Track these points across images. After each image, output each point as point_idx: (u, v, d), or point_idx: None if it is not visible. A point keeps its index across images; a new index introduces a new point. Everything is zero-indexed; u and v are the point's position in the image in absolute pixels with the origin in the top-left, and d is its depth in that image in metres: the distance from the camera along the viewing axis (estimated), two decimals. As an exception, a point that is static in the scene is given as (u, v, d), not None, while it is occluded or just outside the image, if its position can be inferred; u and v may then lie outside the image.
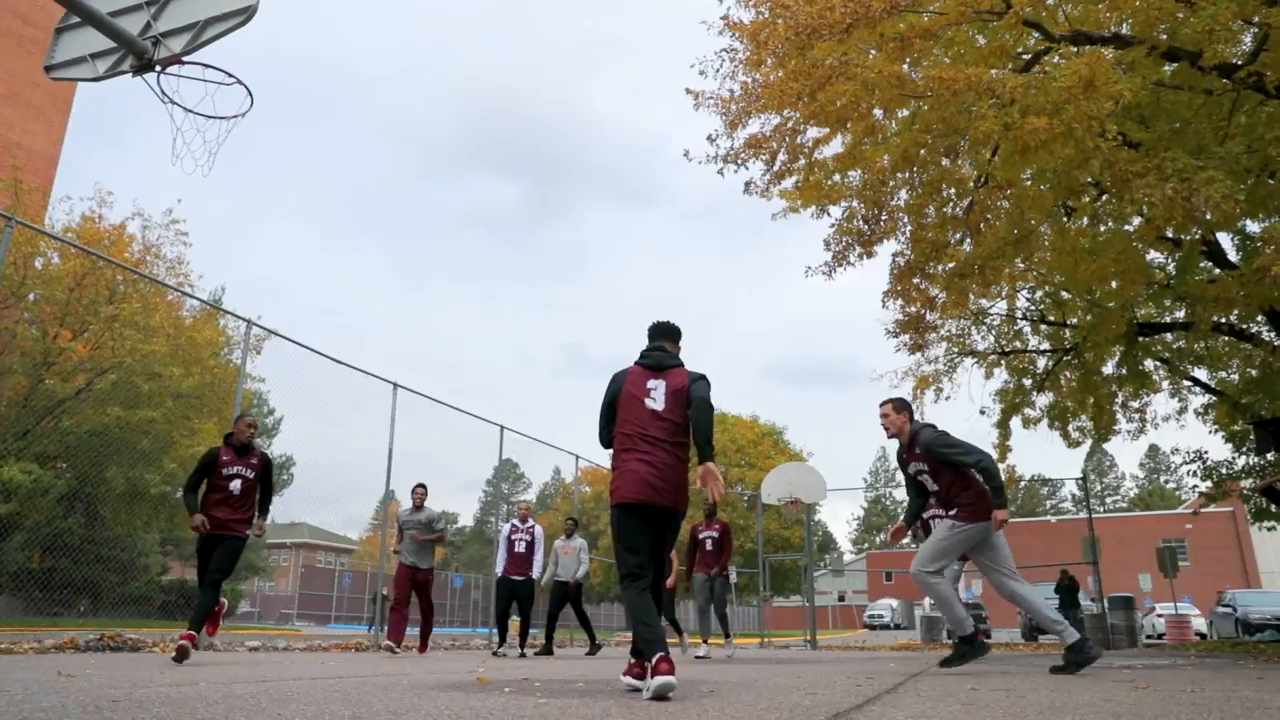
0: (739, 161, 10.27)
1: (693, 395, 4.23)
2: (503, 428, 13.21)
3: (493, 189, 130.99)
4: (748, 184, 10.72)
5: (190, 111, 4.81)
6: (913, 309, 12.04)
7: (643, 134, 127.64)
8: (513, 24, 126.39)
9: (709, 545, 10.22)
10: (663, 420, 4.19)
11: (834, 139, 10.76)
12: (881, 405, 5.89)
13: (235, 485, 6.39)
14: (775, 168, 10.54)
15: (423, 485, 9.40)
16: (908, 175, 10.39)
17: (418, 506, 9.32)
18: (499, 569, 9.97)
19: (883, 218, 10.53)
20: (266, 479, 6.67)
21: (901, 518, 6.32)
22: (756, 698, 3.74)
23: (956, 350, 15.47)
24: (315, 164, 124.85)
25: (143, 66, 4.50)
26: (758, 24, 9.71)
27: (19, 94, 20.61)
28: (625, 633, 15.29)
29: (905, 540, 8.25)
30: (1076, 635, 5.40)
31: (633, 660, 4.11)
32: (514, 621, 10.64)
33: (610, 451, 4.38)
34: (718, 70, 10.29)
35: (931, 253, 10.68)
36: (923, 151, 9.53)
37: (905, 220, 10.69)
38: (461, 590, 34.17)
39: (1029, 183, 10.51)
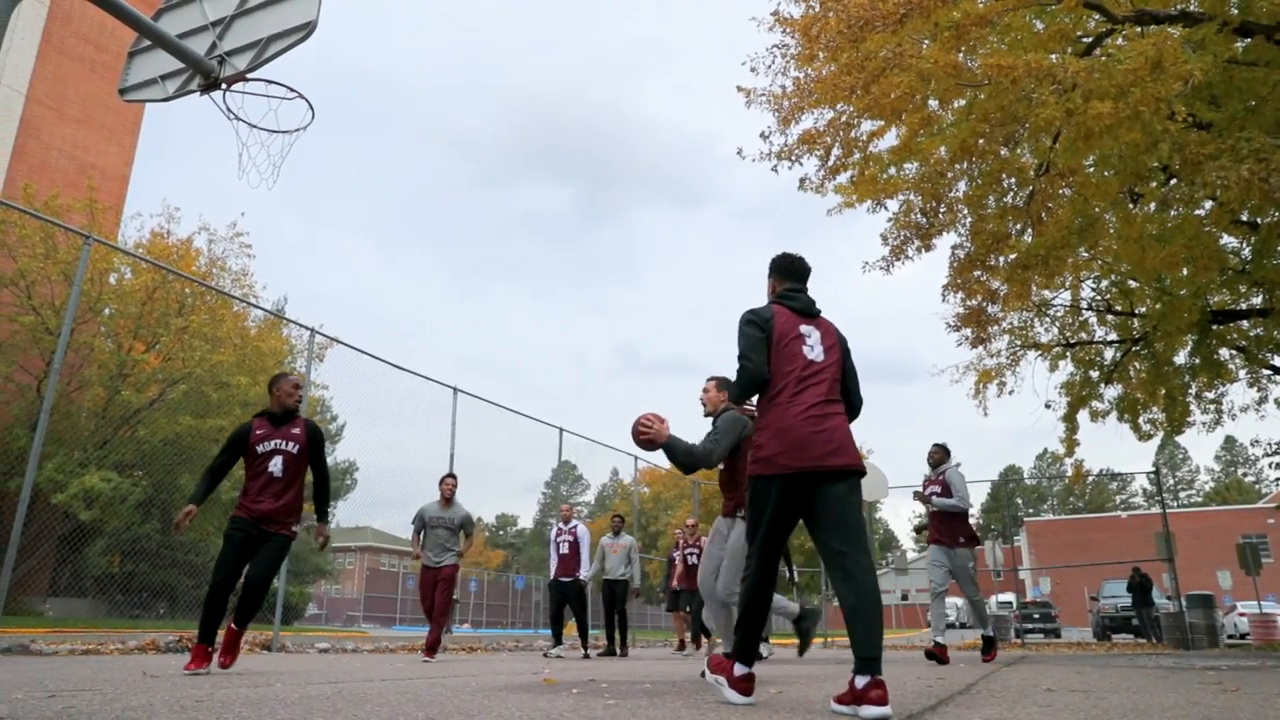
0: (793, 158, 10.18)
1: (846, 352, 3.68)
2: (561, 430, 13.30)
3: (545, 193, 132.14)
4: (802, 180, 10.62)
5: (255, 127, 4.93)
6: (974, 302, 11.81)
7: (692, 134, 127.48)
8: (560, 30, 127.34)
9: None
10: (825, 373, 3.53)
11: (888, 132, 10.61)
12: (707, 381, 5.62)
13: (275, 465, 5.12)
14: (830, 163, 10.43)
15: (453, 475, 8.26)
16: (966, 166, 10.19)
17: (447, 500, 8.08)
18: (551, 572, 10.07)
19: (941, 210, 10.35)
20: (317, 456, 5.35)
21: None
22: (824, 698, 3.70)
23: (1019, 343, 15.11)
24: (371, 174, 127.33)
25: (209, 85, 4.63)
26: (809, 18, 9.62)
27: (92, 117, 21.40)
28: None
29: (961, 540, 8.16)
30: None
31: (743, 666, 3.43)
32: (570, 623, 10.72)
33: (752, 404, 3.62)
34: (769, 67, 10.23)
35: (992, 244, 10.45)
36: (981, 141, 9.33)
37: (965, 212, 10.48)
38: (523, 592, 34.49)
39: (1092, 169, 10.22)
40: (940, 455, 8.44)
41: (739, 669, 3.34)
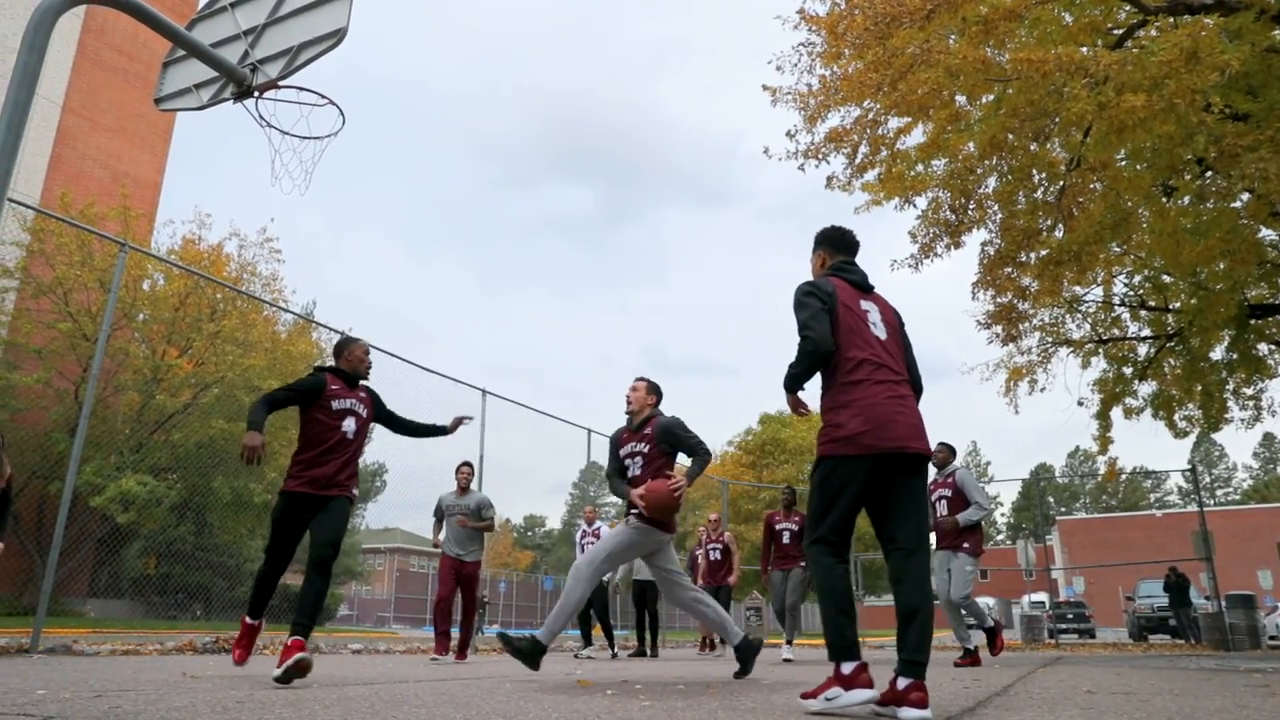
0: (820, 156, 10.12)
1: (905, 330, 3.53)
2: (590, 431, 13.33)
3: (569, 195, 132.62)
4: (829, 179, 10.56)
5: (286, 134, 4.98)
6: (1004, 299, 11.69)
7: (716, 134, 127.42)
8: (583, 31, 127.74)
9: (786, 538, 9.41)
10: (891, 352, 3.36)
11: (915, 128, 10.53)
12: (637, 380, 5.47)
13: (349, 425, 4.66)
14: (857, 160, 10.36)
15: (468, 464, 8.20)
16: (995, 162, 10.08)
17: (463, 489, 8.08)
18: None
19: (971, 207, 10.24)
20: (389, 414, 5.09)
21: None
22: (866, 699, 3.67)
23: (1050, 340, 14.92)
24: (398, 179, 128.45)
25: (242, 93, 4.69)
26: (835, 15, 9.57)
27: (125, 127, 21.76)
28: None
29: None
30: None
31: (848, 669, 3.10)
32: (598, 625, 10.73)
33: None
34: (795, 65, 10.18)
35: (1023, 240, 10.33)
36: (1010, 137, 9.23)
37: (995, 208, 10.37)
38: (552, 593, 34.60)
39: (1123, 163, 10.08)
40: (946, 454, 8.05)
41: (846, 666, 3.02)
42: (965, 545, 7.67)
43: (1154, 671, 6.11)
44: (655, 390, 5.40)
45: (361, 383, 4.92)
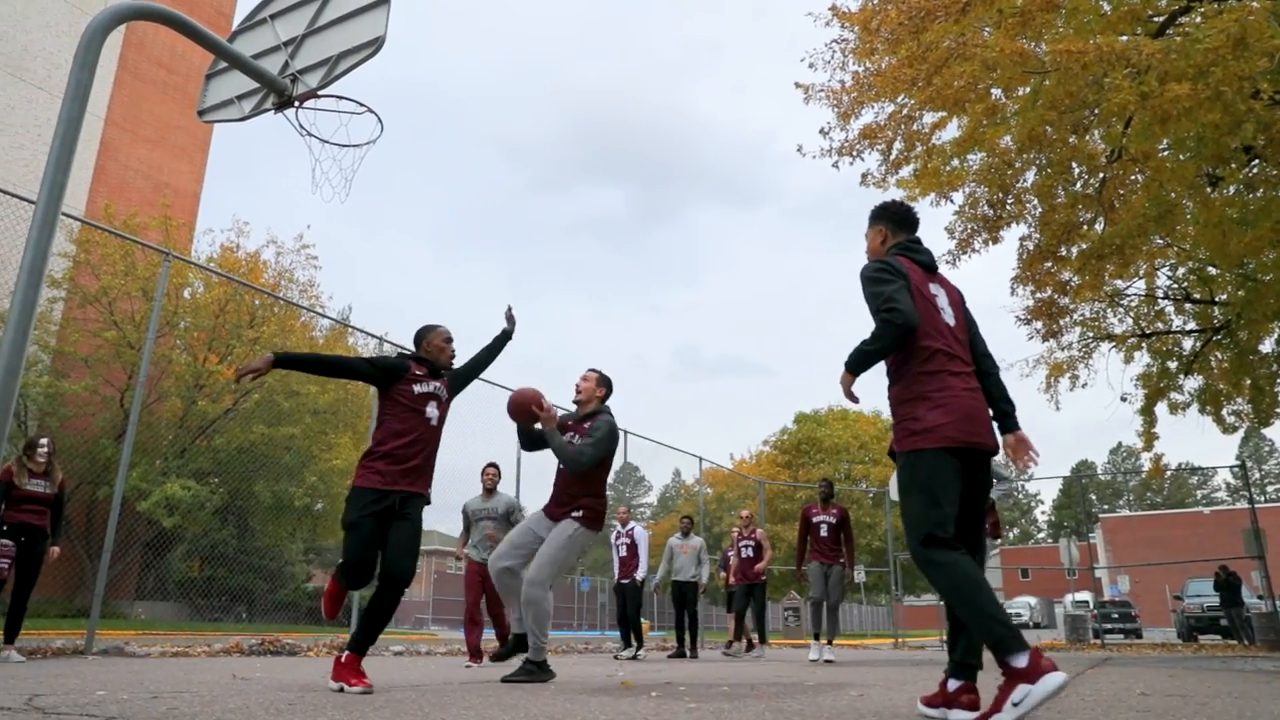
0: (854, 153, 10.04)
1: (969, 312, 3.33)
2: (626, 432, 13.34)
3: (602, 197, 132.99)
4: (864, 176, 10.47)
5: (326, 142, 5.04)
6: (1044, 294, 11.50)
7: (747, 133, 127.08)
8: (612, 33, 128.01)
9: (823, 531, 9.13)
10: (960, 339, 3.18)
11: (949, 123, 10.40)
12: (589, 370, 5.32)
13: (432, 411, 4.32)
14: (892, 157, 10.27)
15: (494, 465, 7.87)
16: (1033, 155, 9.93)
17: (489, 491, 7.70)
18: (614, 574, 10.14)
19: (1009, 201, 10.10)
20: (465, 377, 4.78)
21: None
22: (909, 700, 3.64)
23: (1092, 335, 14.65)
24: (431, 183, 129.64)
25: (283, 103, 4.75)
26: (868, 11, 9.49)
27: (165, 138, 22.18)
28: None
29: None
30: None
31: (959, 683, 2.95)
32: (644, 622, 10.74)
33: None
34: (828, 62, 10.12)
35: (1063, 234, 10.16)
36: (1048, 129, 9.08)
37: (1034, 202, 10.21)
38: (589, 594, 34.69)
39: (1166, 153, 9.87)
40: None
41: (1020, 659, 2.63)
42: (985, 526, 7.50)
43: (1209, 673, 5.98)
44: (606, 383, 5.29)
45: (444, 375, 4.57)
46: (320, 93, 4.77)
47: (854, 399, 3.20)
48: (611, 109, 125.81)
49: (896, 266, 3.17)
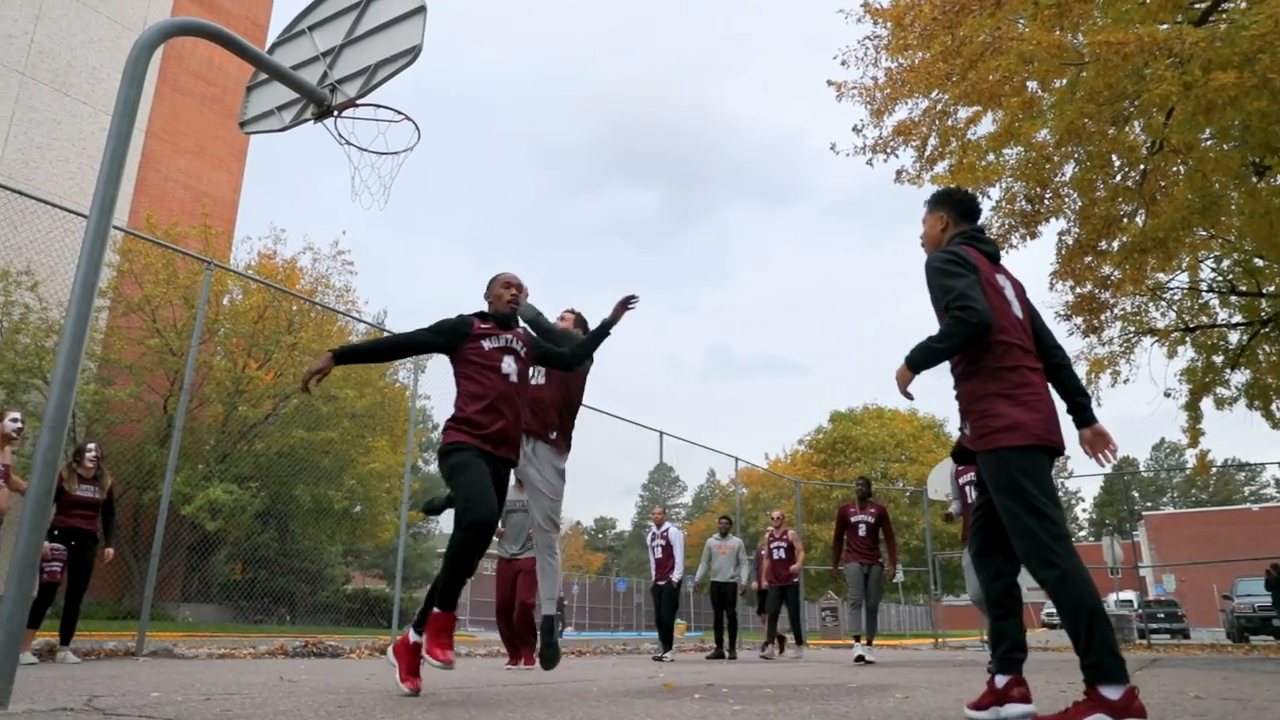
0: (888, 150, 9.98)
1: (1034, 308, 3.19)
2: (662, 433, 13.34)
3: (632, 198, 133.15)
4: (899, 172, 10.39)
5: (365, 150, 5.10)
6: (1084, 289, 11.33)
7: (778, 132, 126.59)
8: (641, 34, 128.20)
9: (861, 531, 8.95)
10: (1028, 333, 3.05)
11: (984, 118, 10.29)
12: (566, 311, 5.45)
13: (509, 366, 3.95)
14: (927, 153, 10.17)
15: None
16: (1071, 148, 9.79)
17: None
18: (651, 575, 10.15)
19: (1047, 196, 9.95)
20: (555, 359, 4.34)
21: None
22: (956, 703, 3.60)
23: (1133, 329, 14.40)
24: (464, 187, 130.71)
25: (322, 113, 4.82)
26: (901, 7, 9.42)
27: (204, 148, 22.59)
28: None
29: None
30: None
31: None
32: (680, 623, 10.72)
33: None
34: (860, 59, 10.07)
35: (1103, 228, 10.00)
36: (1087, 122, 8.94)
37: (1073, 196, 10.05)
38: (625, 594, 34.74)
39: (1209, 143, 9.67)
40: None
41: (1114, 691, 2.55)
42: None
43: (1264, 676, 5.84)
44: (582, 323, 5.44)
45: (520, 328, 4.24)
46: (359, 102, 4.83)
47: (909, 396, 3.10)
48: (642, 110, 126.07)
49: (967, 258, 3.02)
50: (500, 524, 7.19)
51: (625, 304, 4.67)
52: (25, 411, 8.03)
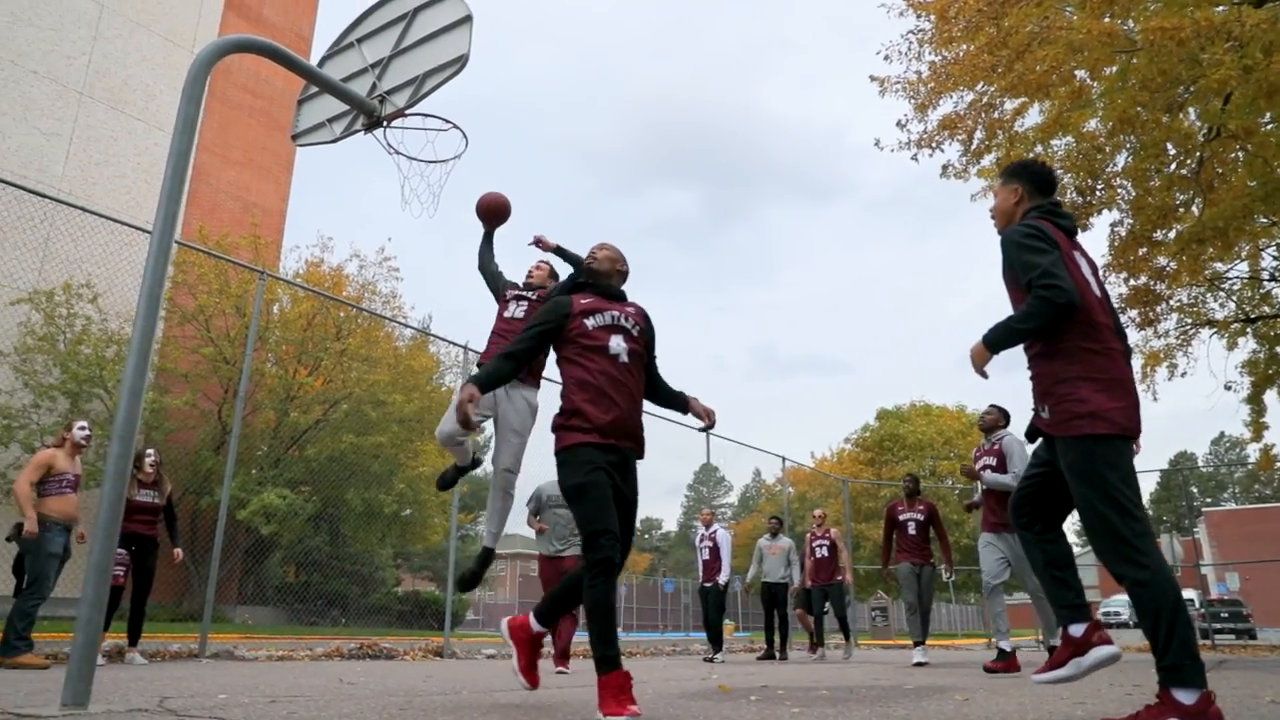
0: (933, 145, 9.84)
1: (1105, 289, 3.06)
2: (708, 432, 13.32)
3: (673, 199, 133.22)
4: (945, 167, 10.25)
5: (414, 159, 5.17)
6: (1138, 281, 11.06)
7: (818, 128, 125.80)
8: (678, 34, 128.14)
9: (911, 529, 8.60)
10: (1109, 313, 2.93)
11: (1031, 109, 10.10)
12: (542, 261, 5.47)
13: (618, 347, 3.40)
14: (973, 146, 10.02)
15: None
16: (1123, 138, 9.56)
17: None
18: (699, 577, 10.16)
19: (1098, 187, 9.74)
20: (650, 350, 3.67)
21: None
22: (1019, 707, 3.54)
23: (1190, 321, 13.99)
24: (505, 190, 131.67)
25: (372, 124, 4.89)
26: (945, 0, 9.29)
27: (252, 159, 23.08)
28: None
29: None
30: None
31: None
32: (728, 624, 10.70)
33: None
34: (903, 53, 9.94)
35: (1158, 218, 9.75)
36: (1140, 110, 8.72)
37: (1126, 186, 9.82)
38: (672, 595, 34.72)
39: (1269, 127, 9.37)
40: (996, 418, 7.10)
41: (1188, 695, 2.46)
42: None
43: (1336, 676, 5.65)
44: (555, 276, 5.45)
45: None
46: (407, 112, 4.89)
47: (985, 376, 3.01)
48: (681, 110, 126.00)
49: (1048, 233, 2.88)
50: (538, 518, 7.16)
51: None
52: (89, 420, 8.27)
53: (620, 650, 3.17)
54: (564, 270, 5.07)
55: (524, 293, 5.12)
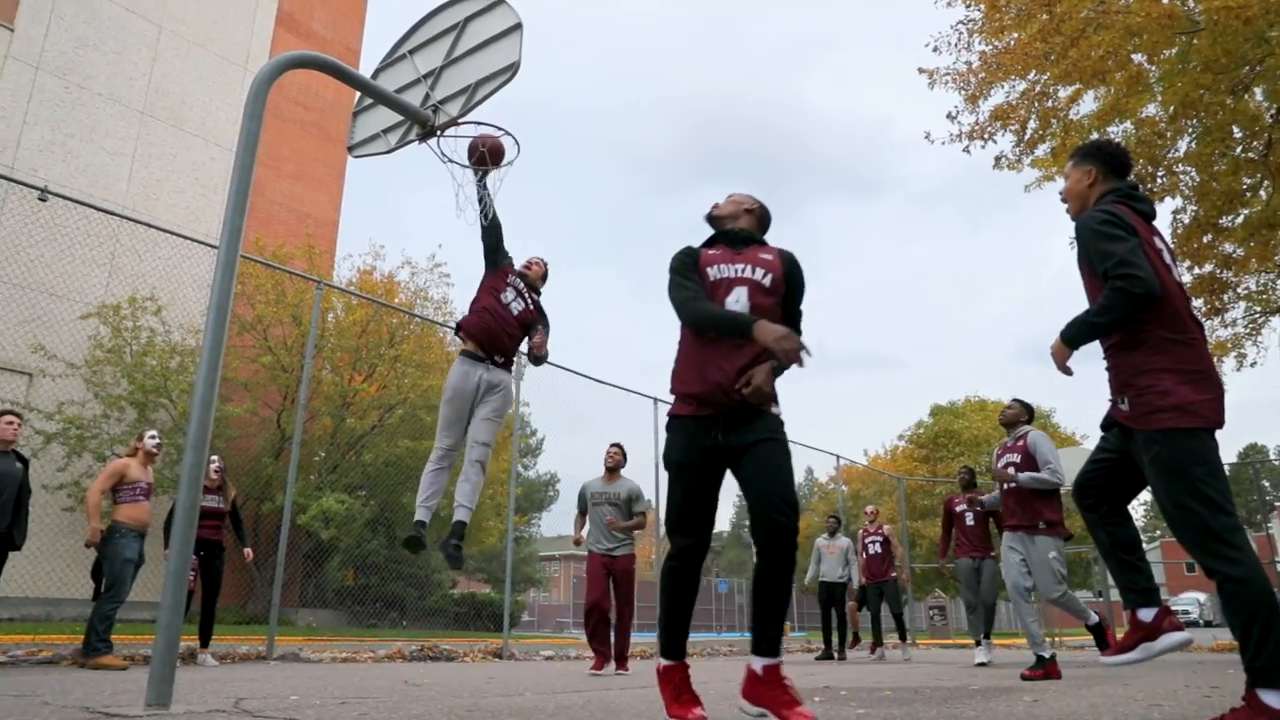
0: (985, 136, 9.69)
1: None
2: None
3: (719, 195, 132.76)
4: (997, 158, 10.09)
5: (467, 167, 5.23)
6: (1203, 269, 10.75)
7: (863, 123, 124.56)
8: (721, 34, 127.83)
9: (970, 520, 8.24)
10: (1188, 299, 2.84)
11: (1085, 96, 9.88)
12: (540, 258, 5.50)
13: (739, 298, 3.04)
14: (1027, 136, 9.83)
15: (617, 445, 7.14)
16: (1184, 123, 9.30)
17: (611, 472, 7.00)
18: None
19: (1159, 175, 9.48)
20: (796, 296, 3.23)
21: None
22: (1091, 708, 3.46)
23: (1259, 309, 13.54)
24: (555, 195, 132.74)
25: (426, 133, 4.96)
26: (995, -12, 9.14)
27: (305, 171, 23.58)
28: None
29: (1043, 526, 6.40)
30: None
31: None
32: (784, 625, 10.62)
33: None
34: (953, 44, 9.82)
35: (1224, 204, 9.47)
36: (1203, 93, 8.47)
37: (1190, 173, 9.55)
38: (726, 595, 34.62)
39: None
40: (1018, 412, 6.68)
41: (1272, 699, 2.35)
42: (1042, 525, 6.17)
43: None
44: (546, 278, 5.48)
45: (772, 245, 3.24)
46: (460, 120, 4.95)
47: (1068, 372, 2.94)
48: (724, 109, 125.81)
49: (1126, 219, 2.77)
50: (584, 516, 7.03)
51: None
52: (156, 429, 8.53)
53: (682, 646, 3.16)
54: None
55: (525, 292, 5.08)
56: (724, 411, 2.89)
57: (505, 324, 4.85)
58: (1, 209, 15.63)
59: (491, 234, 5.11)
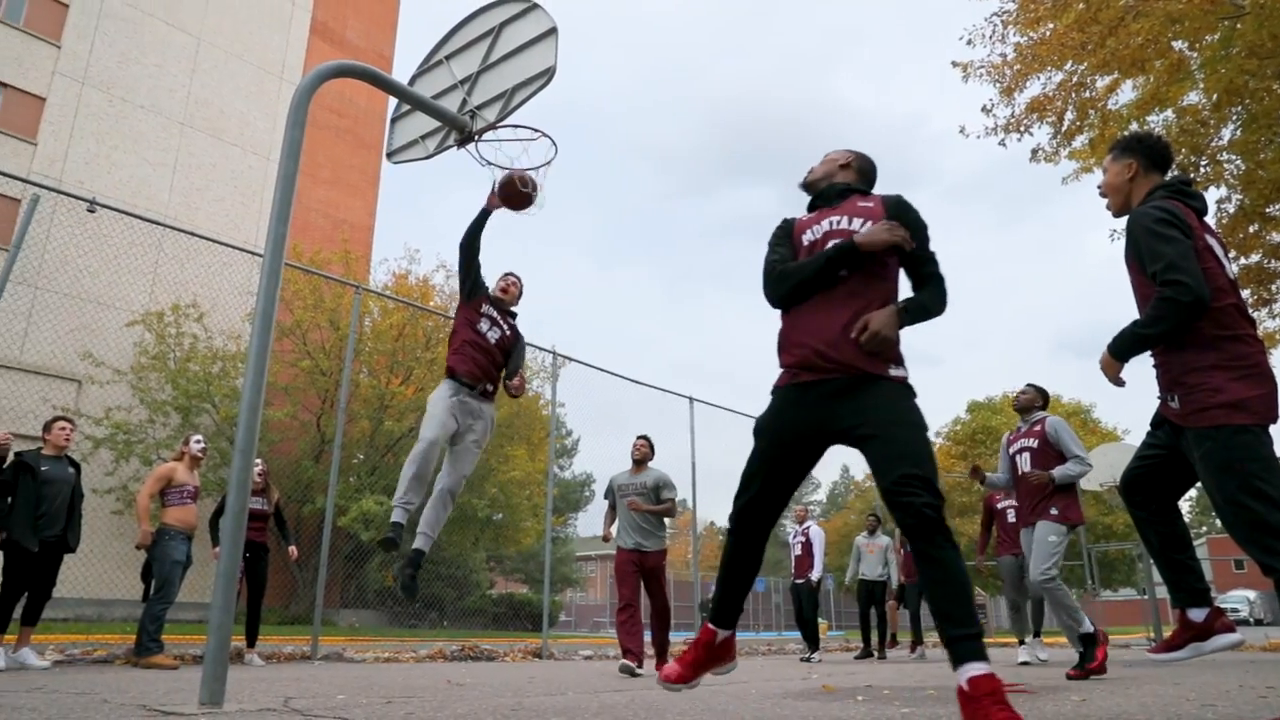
0: (1021, 128, 9.56)
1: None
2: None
3: (750, 195, 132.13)
4: (1034, 151, 9.94)
5: (506, 170, 5.27)
6: (1250, 260, 10.51)
7: (895, 118, 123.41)
8: (749, 30, 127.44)
9: (1011, 517, 7.94)
10: (1240, 294, 2.79)
11: (1123, 85, 9.70)
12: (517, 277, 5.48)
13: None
14: (1064, 128, 9.68)
15: (644, 437, 6.85)
16: (1229, 110, 9.09)
17: (638, 463, 6.74)
18: (791, 574, 10.12)
19: (1203, 164, 9.29)
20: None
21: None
22: (1141, 707, 3.41)
23: (1308, 299, 13.22)
24: (586, 196, 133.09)
25: (464, 139, 5.01)
26: (1030, -21, 9.02)
27: (340, 178, 23.91)
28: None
29: (1054, 512, 5.97)
30: None
31: None
32: (821, 623, 10.58)
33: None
34: (987, 36, 9.69)
35: (1271, 192, 9.25)
36: (1248, 78, 8.28)
37: (1235, 161, 9.35)
38: (764, 595, 34.49)
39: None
40: (1033, 397, 6.34)
41: None
42: (1053, 510, 5.83)
43: None
44: (521, 294, 5.51)
45: (877, 196, 2.90)
46: (497, 125, 4.99)
47: (1121, 384, 2.88)
48: (754, 107, 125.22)
49: (1182, 218, 2.69)
50: (611, 515, 6.79)
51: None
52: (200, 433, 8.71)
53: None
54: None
55: (499, 319, 5.12)
56: (828, 380, 2.55)
57: (490, 355, 5.02)
58: (51, 221, 16.04)
59: (469, 266, 5.13)
